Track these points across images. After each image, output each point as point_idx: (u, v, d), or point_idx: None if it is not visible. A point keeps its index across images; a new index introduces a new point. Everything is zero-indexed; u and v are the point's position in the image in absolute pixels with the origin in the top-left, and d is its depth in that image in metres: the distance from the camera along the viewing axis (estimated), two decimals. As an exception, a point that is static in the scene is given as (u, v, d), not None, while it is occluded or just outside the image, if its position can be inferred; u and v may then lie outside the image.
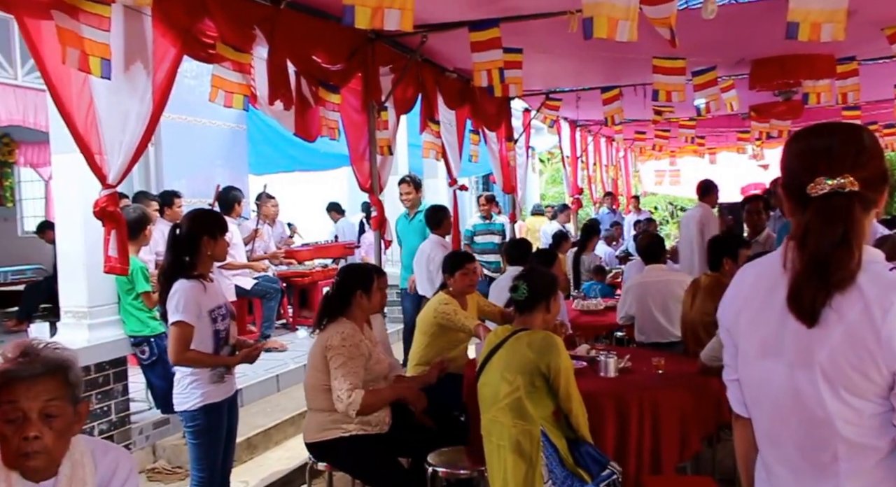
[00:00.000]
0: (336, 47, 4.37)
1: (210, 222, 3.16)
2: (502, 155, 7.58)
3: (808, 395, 1.29)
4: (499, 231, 8.24)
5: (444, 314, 4.14)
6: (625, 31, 3.46)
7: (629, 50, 4.67)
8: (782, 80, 5.99)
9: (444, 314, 4.14)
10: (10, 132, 9.72)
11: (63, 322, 4.19)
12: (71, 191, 4.12)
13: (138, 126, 3.09)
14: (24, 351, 1.68)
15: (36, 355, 1.67)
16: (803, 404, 1.30)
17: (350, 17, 3.19)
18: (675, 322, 4.50)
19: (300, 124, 4.26)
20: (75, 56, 2.71)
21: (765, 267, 1.42)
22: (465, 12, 4.52)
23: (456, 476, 3.36)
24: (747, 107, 7.88)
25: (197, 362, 3.05)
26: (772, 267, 1.37)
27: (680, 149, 13.64)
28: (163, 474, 4.26)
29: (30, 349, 1.69)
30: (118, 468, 1.76)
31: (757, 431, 1.45)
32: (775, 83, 6.07)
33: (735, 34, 5.25)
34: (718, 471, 3.90)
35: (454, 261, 4.39)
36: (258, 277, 6.46)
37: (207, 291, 3.10)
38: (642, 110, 7.84)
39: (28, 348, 1.69)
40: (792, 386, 1.32)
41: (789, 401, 1.32)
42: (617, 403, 3.26)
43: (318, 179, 11.69)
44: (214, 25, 3.39)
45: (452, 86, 6.06)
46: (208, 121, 7.24)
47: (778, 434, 1.37)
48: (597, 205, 12.40)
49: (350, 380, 3.16)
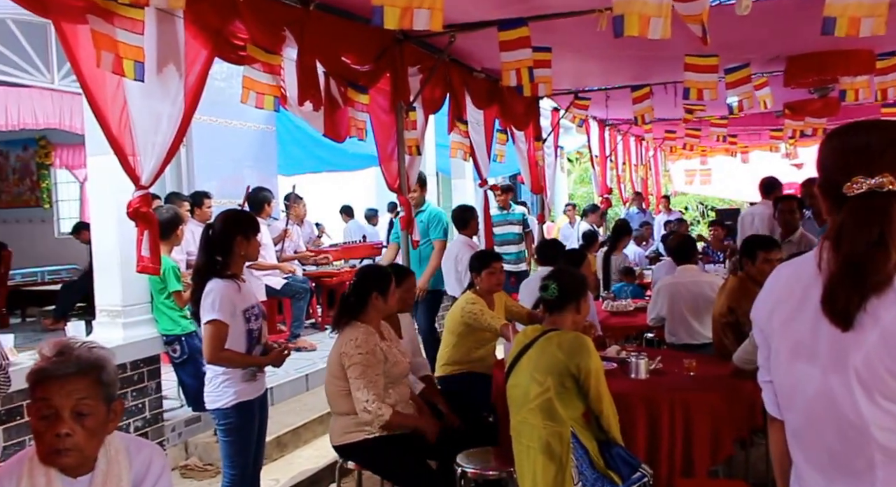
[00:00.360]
0: (365, 48, 4.38)
1: (243, 222, 3.19)
2: (531, 155, 7.54)
3: (843, 400, 1.25)
4: (517, 221, 7.94)
5: (470, 313, 4.13)
6: (657, 28, 3.41)
7: (659, 48, 4.61)
8: (818, 77, 5.86)
9: (470, 313, 4.13)
10: (46, 135, 9.97)
11: (98, 320, 4.26)
12: (105, 192, 4.18)
13: (170, 128, 3.13)
14: (60, 350, 1.71)
15: (70, 354, 1.70)
16: (837, 409, 1.27)
17: (379, 18, 3.19)
18: (707, 323, 4.44)
19: (329, 125, 4.27)
20: (110, 59, 2.74)
21: (799, 268, 1.39)
22: (494, 11, 4.50)
23: (485, 476, 3.35)
24: (781, 104, 7.74)
25: (231, 361, 3.07)
26: (806, 268, 1.33)
27: (711, 148, 13.44)
28: (195, 471, 4.32)
29: (65, 348, 1.72)
30: (152, 464, 1.79)
31: (789, 435, 1.41)
32: (811, 80, 5.94)
33: (770, 30, 5.15)
34: (751, 475, 3.84)
35: (481, 260, 4.39)
36: (288, 277, 6.51)
37: (241, 291, 3.14)
38: (673, 109, 7.75)
39: (64, 347, 1.72)
40: (825, 390, 1.28)
41: (822, 406, 1.29)
42: (648, 405, 3.23)
43: (346, 180, 11.75)
44: (245, 27, 3.42)
45: (480, 86, 6.05)
46: (238, 123, 7.33)
47: (811, 439, 1.34)
48: (626, 204, 12.27)
49: (372, 390, 3.17)
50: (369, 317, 3.37)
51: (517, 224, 7.93)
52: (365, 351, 3.20)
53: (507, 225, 7.84)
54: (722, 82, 5.87)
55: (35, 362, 1.72)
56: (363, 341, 3.22)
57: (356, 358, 3.18)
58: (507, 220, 7.87)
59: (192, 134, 6.62)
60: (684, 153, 13.98)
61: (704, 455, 3.20)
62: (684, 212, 18.28)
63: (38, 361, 1.71)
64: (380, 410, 3.17)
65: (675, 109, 7.70)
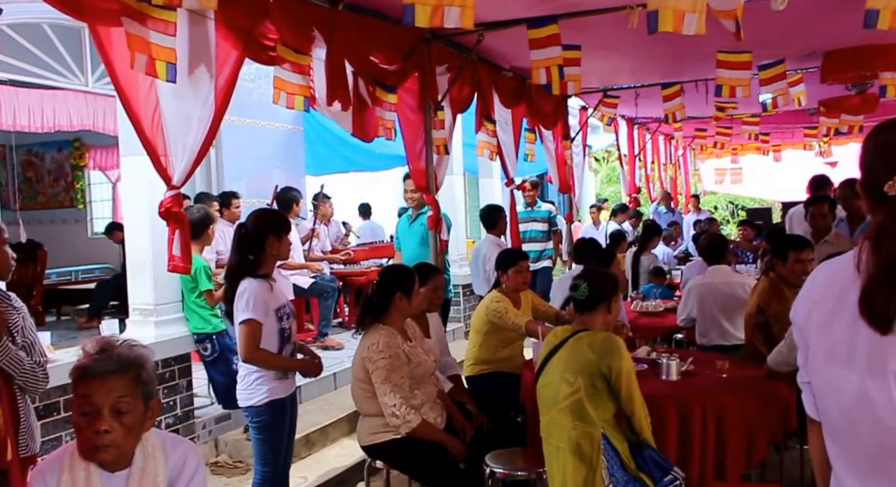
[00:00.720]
0: (393, 47, 4.39)
1: (275, 222, 3.22)
2: (559, 154, 7.48)
3: (881, 405, 1.21)
4: (543, 218, 7.85)
5: (495, 311, 4.12)
6: (692, 23, 3.36)
7: (691, 44, 4.54)
8: (857, 73, 5.72)
9: (495, 311, 4.12)
10: (80, 136, 10.16)
11: (131, 319, 4.32)
12: (138, 191, 4.25)
13: (201, 128, 3.15)
14: (102, 348, 1.74)
15: (112, 351, 1.73)
16: (875, 414, 1.22)
17: (410, 16, 3.19)
18: (739, 324, 4.37)
19: (358, 124, 4.28)
20: (143, 61, 2.77)
21: (837, 268, 1.35)
22: (523, 10, 4.48)
23: (513, 477, 3.33)
24: (816, 101, 7.58)
25: (266, 362, 3.10)
26: (844, 269, 1.29)
27: (742, 146, 13.23)
28: (225, 468, 4.36)
29: (107, 345, 1.75)
30: (187, 461, 1.82)
31: (826, 438, 1.38)
32: (849, 75, 5.80)
33: (806, 25, 5.04)
34: (785, 479, 3.77)
35: (508, 259, 4.37)
36: (315, 276, 6.55)
37: (273, 290, 3.16)
38: (703, 107, 7.64)
39: (106, 344, 1.75)
40: (863, 394, 1.24)
41: (860, 410, 1.25)
42: (679, 407, 3.19)
43: (373, 180, 11.79)
44: (274, 27, 3.43)
45: (508, 85, 6.02)
46: (266, 123, 7.38)
47: (847, 443, 1.30)
48: (654, 202, 12.14)
49: (399, 394, 3.17)
50: (392, 318, 3.36)
51: (542, 221, 7.83)
52: (388, 355, 3.19)
53: (532, 222, 7.74)
54: (755, 79, 5.77)
55: (77, 358, 1.75)
56: (385, 345, 3.21)
57: (379, 362, 3.18)
58: (532, 217, 7.77)
59: (221, 134, 6.67)
60: (715, 152, 13.77)
61: (737, 458, 3.16)
62: (713, 211, 18.06)
63: (81, 358, 1.74)
64: (408, 416, 3.17)
65: (705, 107, 7.59)
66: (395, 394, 3.16)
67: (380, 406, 3.20)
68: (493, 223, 6.09)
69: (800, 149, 12.85)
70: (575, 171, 8.06)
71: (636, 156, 10.55)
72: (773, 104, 6.12)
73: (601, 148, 15.13)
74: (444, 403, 3.55)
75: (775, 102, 6.06)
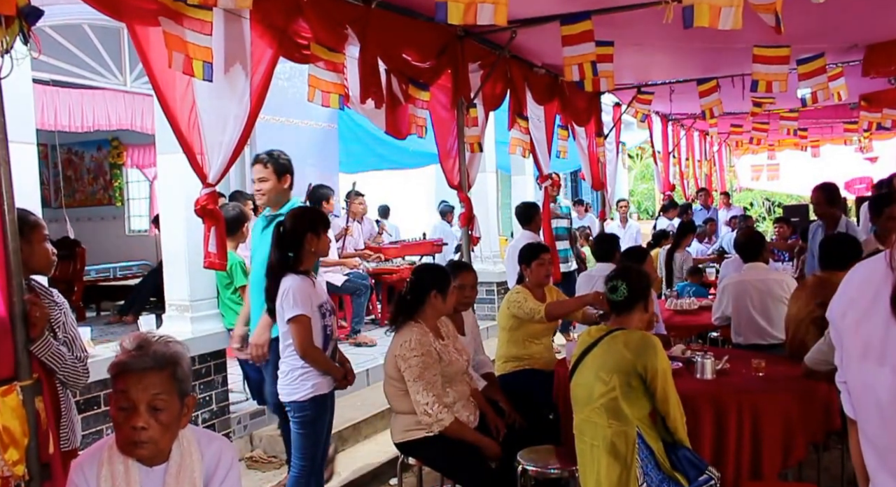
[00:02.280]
0: (426, 45, 4.40)
1: (313, 219, 3.26)
2: (591, 151, 7.43)
3: None
4: (564, 215, 7.71)
5: (515, 302, 4.12)
6: (728, 18, 3.31)
7: (727, 39, 4.49)
8: (901, 66, 5.61)
9: (515, 302, 4.12)
10: (118, 136, 10.39)
11: (168, 315, 4.40)
12: (174, 189, 4.32)
13: (237, 127, 3.19)
14: (140, 344, 1.77)
15: (148, 348, 1.76)
16: None
17: (443, 14, 3.18)
18: (776, 323, 4.29)
19: (391, 122, 4.30)
20: (180, 60, 2.81)
21: (873, 267, 1.32)
22: (556, 6, 4.46)
23: (546, 475, 3.32)
24: (857, 96, 7.42)
25: (317, 361, 3.14)
26: (880, 268, 1.27)
27: (779, 142, 12.99)
28: (259, 463, 4.41)
29: (144, 342, 1.78)
30: (222, 456, 1.84)
31: (861, 439, 1.35)
32: (892, 69, 5.68)
33: (848, 18, 4.94)
34: (824, 479, 3.70)
35: (530, 252, 4.36)
36: (348, 274, 6.60)
37: (316, 287, 3.21)
38: (740, 102, 7.52)
39: (143, 341, 1.78)
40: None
41: (893, 408, 1.22)
42: (715, 406, 3.16)
43: (407, 177, 11.84)
44: (308, 26, 3.47)
45: (541, 82, 6.00)
46: (300, 122, 7.45)
47: (883, 442, 1.28)
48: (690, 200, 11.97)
49: (432, 392, 3.17)
50: (426, 316, 3.35)
51: (564, 218, 7.68)
52: (420, 353, 3.18)
53: (556, 219, 7.26)
54: (792, 74, 5.66)
55: (116, 354, 1.79)
56: (417, 343, 3.20)
57: (412, 360, 3.18)
58: (555, 214, 7.23)
59: (255, 132, 6.74)
60: (751, 148, 13.55)
61: (774, 457, 3.12)
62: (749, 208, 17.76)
63: (119, 354, 1.77)
64: (440, 415, 3.17)
65: (742, 103, 7.47)
66: (428, 392, 3.16)
67: (412, 403, 3.21)
68: (528, 219, 6.06)
69: (839, 144, 12.59)
70: (608, 168, 7.99)
71: (670, 153, 10.42)
72: (813, 98, 6.00)
73: (635, 144, 14.99)
74: (477, 402, 3.55)
75: (815, 97, 5.95)
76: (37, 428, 2.20)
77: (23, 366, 2.19)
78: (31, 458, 2.17)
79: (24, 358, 2.19)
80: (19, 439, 2.15)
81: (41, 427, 2.24)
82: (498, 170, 9.66)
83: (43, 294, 2.48)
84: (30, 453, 2.16)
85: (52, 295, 2.52)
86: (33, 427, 2.19)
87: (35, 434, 2.20)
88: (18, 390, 2.17)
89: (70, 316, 2.56)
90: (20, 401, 2.16)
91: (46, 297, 2.48)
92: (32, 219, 2.43)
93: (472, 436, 3.29)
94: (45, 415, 2.26)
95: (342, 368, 3.32)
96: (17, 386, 2.17)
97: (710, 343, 5.51)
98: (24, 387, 2.17)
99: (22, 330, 2.18)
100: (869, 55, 5.79)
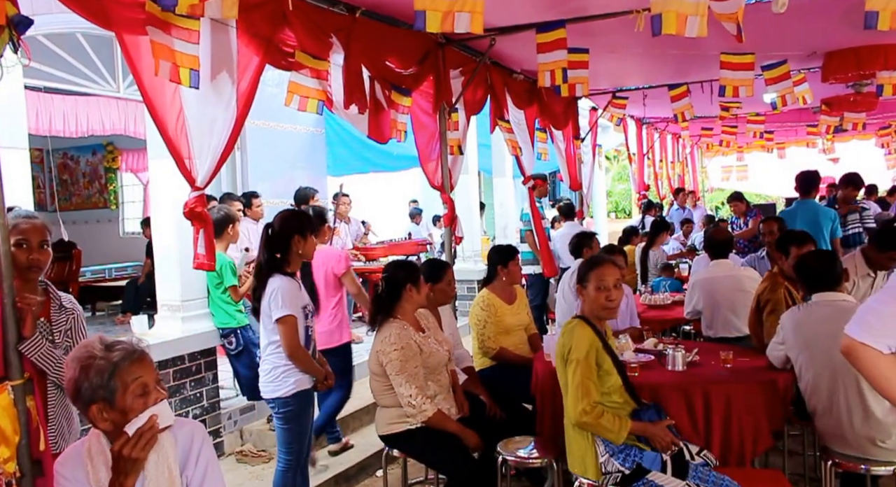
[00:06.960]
0: (408, 52, 4.51)
1: (300, 222, 3.32)
2: (569, 153, 7.62)
3: None
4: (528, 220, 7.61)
5: (477, 320, 4.36)
6: (694, 26, 3.46)
7: (696, 46, 4.66)
8: (857, 72, 5.85)
9: (477, 320, 4.36)
10: (113, 140, 10.49)
11: (160, 314, 4.49)
12: (165, 193, 4.39)
13: (224, 132, 3.23)
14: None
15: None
16: None
17: (421, 22, 3.29)
18: (743, 317, 4.47)
19: (374, 127, 4.36)
20: (167, 68, 2.85)
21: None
22: (533, 15, 4.60)
23: (525, 464, 3.44)
24: (819, 100, 7.69)
25: (303, 361, 3.22)
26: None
27: (748, 144, 13.34)
28: (249, 456, 4.52)
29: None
30: (194, 437, 1.90)
31: None
32: (850, 75, 5.93)
33: (807, 26, 5.16)
34: (788, 466, 3.88)
35: (505, 253, 4.53)
36: (335, 273, 6.69)
37: (300, 289, 3.28)
38: (709, 106, 7.77)
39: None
40: None
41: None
42: (685, 396, 3.28)
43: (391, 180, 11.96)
44: (294, 35, 3.54)
45: (520, 87, 6.16)
46: (289, 126, 7.57)
47: None
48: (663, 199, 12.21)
49: (414, 384, 3.24)
50: (404, 310, 3.41)
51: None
52: (399, 347, 3.25)
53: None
54: (758, 80, 5.89)
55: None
56: (396, 337, 3.27)
57: (392, 354, 3.24)
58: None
59: (246, 137, 6.88)
60: (721, 150, 13.89)
61: (744, 446, 3.24)
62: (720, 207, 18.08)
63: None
64: (423, 406, 3.24)
65: (711, 107, 7.71)
66: (411, 385, 3.24)
67: (397, 397, 3.28)
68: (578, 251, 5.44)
69: (803, 146, 12.97)
70: (584, 170, 8.19)
71: (645, 155, 10.66)
72: (782, 102, 6.24)
73: (611, 147, 15.26)
74: (457, 394, 3.61)
75: (784, 100, 6.18)
76: (28, 426, 2.24)
77: (13, 366, 2.24)
78: (22, 456, 2.22)
79: (14, 357, 2.24)
80: (10, 437, 2.20)
81: (32, 425, 2.27)
82: (481, 173, 9.83)
83: (52, 298, 2.50)
84: (21, 451, 2.21)
85: (60, 300, 2.53)
86: (24, 426, 2.22)
87: (26, 432, 2.24)
88: (9, 389, 2.22)
89: (80, 324, 2.55)
90: (11, 400, 2.21)
91: (54, 302, 2.49)
92: None
93: (455, 427, 3.34)
94: (35, 414, 2.30)
95: (323, 369, 3.38)
96: (8, 386, 2.22)
97: (683, 336, 5.68)
98: (15, 387, 2.22)
99: (13, 331, 2.23)
100: (827, 62, 6.03)
